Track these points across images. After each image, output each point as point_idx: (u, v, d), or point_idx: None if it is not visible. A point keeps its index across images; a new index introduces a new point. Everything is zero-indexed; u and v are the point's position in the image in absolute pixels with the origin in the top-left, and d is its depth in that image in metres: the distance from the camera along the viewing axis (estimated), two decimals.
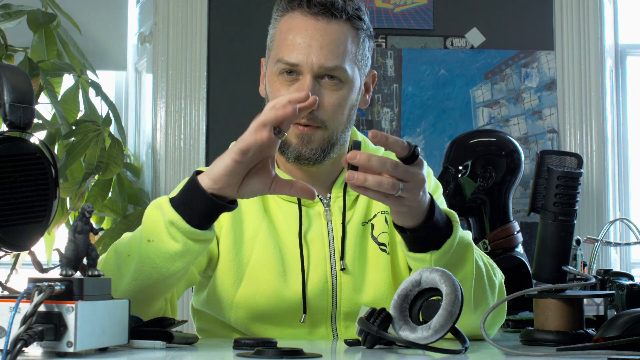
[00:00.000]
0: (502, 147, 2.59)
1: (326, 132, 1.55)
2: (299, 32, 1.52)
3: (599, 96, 3.20)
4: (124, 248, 1.40)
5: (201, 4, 3.19)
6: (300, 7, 1.54)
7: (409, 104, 3.18)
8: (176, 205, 1.31)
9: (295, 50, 1.52)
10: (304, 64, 1.51)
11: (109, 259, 1.42)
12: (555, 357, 1.21)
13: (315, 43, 1.51)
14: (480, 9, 3.24)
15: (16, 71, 1.20)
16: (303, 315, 1.53)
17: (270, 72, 1.58)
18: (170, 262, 1.34)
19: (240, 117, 3.15)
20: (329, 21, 1.52)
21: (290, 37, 1.53)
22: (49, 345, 1.06)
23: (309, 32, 1.52)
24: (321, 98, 1.51)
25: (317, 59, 1.51)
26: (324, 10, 1.52)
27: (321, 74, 1.52)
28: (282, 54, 1.53)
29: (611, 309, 1.63)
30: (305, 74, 1.52)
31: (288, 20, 1.55)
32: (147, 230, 1.34)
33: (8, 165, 1.15)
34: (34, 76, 2.69)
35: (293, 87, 1.53)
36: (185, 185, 1.33)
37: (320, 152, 1.56)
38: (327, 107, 1.53)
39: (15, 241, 1.17)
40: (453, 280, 1.24)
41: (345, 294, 1.56)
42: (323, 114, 1.53)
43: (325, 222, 1.59)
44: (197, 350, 1.28)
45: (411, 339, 1.22)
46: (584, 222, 3.15)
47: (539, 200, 1.43)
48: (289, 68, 1.53)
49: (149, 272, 1.35)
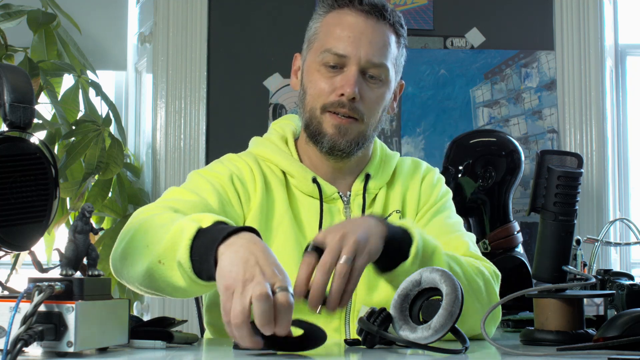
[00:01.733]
0: (502, 147, 2.59)
1: (362, 125, 1.59)
2: (348, 26, 1.58)
3: (599, 96, 3.20)
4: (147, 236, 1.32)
5: (201, 4, 3.19)
6: (350, 5, 1.59)
7: (409, 104, 3.18)
8: (193, 252, 1.22)
9: (344, 41, 1.56)
10: (352, 55, 1.56)
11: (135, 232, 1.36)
12: (555, 357, 1.21)
13: (365, 38, 1.56)
14: (480, 9, 3.23)
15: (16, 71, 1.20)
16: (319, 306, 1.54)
17: (312, 62, 1.61)
18: (174, 291, 1.31)
19: (240, 117, 3.16)
20: (378, 20, 1.58)
21: (338, 30, 1.58)
22: (49, 345, 1.06)
23: (359, 27, 1.57)
24: (363, 92, 1.57)
25: (365, 53, 1.56)
26: (374, 9, 1.58)
27: (366, 69, 1.57)
28: (330, 45, 1.57)
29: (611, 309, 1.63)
30: (350, 65, 1.56)
31: (336, 16, 1.60)
32: (164, 249, 1.27)
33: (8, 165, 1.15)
34: (34, 76, 2.69)
35: (336, 79, 1.57)
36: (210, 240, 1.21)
37: (355, 144, 1.60)
38: (367, 101, 1.58)
39: (15, 241, 1.17)
40: (453, 280, 1.24)
41: (360, 290, 1.57)
42: (363, 107, 1.57)
43: (344, 218, 1.61)
44: (197, 350, 1.28)
45: (411, 338, 1.22)
46: (584, 222, 3.15)
47: (539, 200, 1.43)
48: (336, 59, 1.57)
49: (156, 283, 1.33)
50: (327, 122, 1.58)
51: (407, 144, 3.15)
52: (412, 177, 1.70)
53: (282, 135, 1.70)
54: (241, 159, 1.66)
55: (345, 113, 1.57)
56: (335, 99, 1.57)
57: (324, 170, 1.65)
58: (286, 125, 1.72)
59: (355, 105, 1.56)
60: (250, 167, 1.63)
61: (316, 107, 1.59)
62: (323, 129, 1.59)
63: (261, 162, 1.66)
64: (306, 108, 1.61)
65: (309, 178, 1.62)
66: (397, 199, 1.66)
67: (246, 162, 1.65)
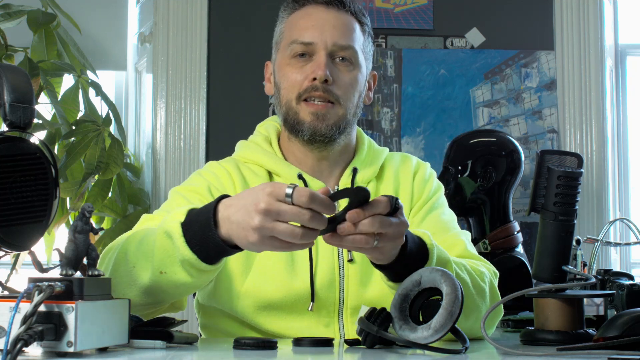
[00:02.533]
0: (502, 147, 2.59)
1: (340, 109, 1.61)
2: (311, 17, 1.61)
3: (599, 96, 3.20)
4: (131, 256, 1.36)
5: (201, 4, 3.19)
6: (309, 1, 1.63)
7: (409, 104, 3.18)
8: (191, 243, 1.27)
9: (309, 30, 1.60)
10: (318, 41, 1.59)
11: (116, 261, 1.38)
12: (555, 357, 1.21)
13: (328, 24, 1.60)
14: (480, 9, 3.23)
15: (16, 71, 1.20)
16: (311, 303, 1.54)
17: (282, 59, 1.63)
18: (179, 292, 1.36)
19: (240, 117, 3.16)
20: (339, 10, 1.62)
21: (302, 22, 1.62)
22: (49, 345, 1.06)
23: (321, 16, 1.61)
24: (335, 75, 1.59)
25: (331, 37, 1.59)
26: (334, 1, 1.62)
27: (334, 52, 1.60)
28: (295, 36, 1.61)
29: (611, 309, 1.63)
30: (319, 51, 1.59)
31: (298, 14, 1.64)
32: (160, 261, 1.30)
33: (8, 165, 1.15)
34: (34, 76, 2.69)
35: (307, 67, 1.59)
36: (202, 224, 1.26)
37: (336, 128, 1.61)
38: (341, 84, 1.60)
39: (15, 241, 1.17)
40: (453, 280, 1.24)
41: (352, 286, 1.57)
42: (337, 89, 1.59)
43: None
44: (197, 350, 1.28)
45: (411, 338, 1.22)
46: (584, 222, 3.15)
47: (539, 200, 1.43)
48: (304, 48, 1.60)
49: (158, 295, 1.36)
50: (304, 110, 1.60)
51: (407, 144, 3.15)
52: (403, 172, 1.70)
53: (266, 136, 1.71)
54: (221, 166, 1.67)
55: (321, 97, 1.58)
56: (308, 85, 1.58)
57: (310, 165, 1.65)
58: (270, 125, 1.73)
59: (329, 88, 1.58)
60: (230, 173, 1.64)
61: (291, 99, 1.61)
62: (300, 118, 1.60)
63: (242, 166, 1.67)
64: (282, 102, 1.63)
65: (294, 175, 1.62)
66: (389, 193, 1.65)
67: (225, 168, 1.65)
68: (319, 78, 1.57)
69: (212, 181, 1.62)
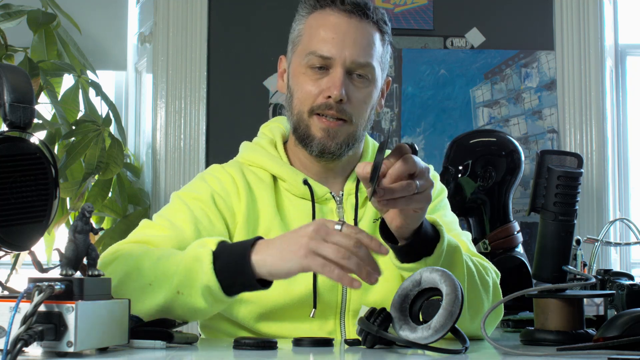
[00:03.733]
0: (502, 147, 2.59)
1: (351, 126, 1.59)
2: (331, 27, 1.56)
3: (599, 96, 3.20)
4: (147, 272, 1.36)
5: (201, 4, 3.19)
6: (332, 5, 1.57)
7: (409, 104, 3.18)
8: (219, 271, 1.29)
9: (328, 43, 1.55)
10: (337, 57, 1.55)
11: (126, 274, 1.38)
12: (555, 357, 1.21)
13: (348, 38, 1.55)
14: (480, 9, 3.23)
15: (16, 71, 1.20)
16: (313, 310, 1.54)
17: (298, 65, 1.60)
18: (192, 314, 1.35)
19: (240, 117, 3.16)
20: (361, 20, 1.57)
21: (322, 32, 1.57)
22: (49, 345, 1.06)
23: (343, 28, 1.56)
24: (350, 92, 1.56)
25: (350, 54, 1.55)
26: (356, 8, 1.57)
27: (352, 69, 1.56)
28: (314, 47, 1.56)
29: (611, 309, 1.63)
30: (336, 67, 1.55)
31: (318, 17, 1.59)
32: (180, 281, 1.31)
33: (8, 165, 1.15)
34: (34, 76, 2.69)
35: (322, 81, 1.56)
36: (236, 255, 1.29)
37: (345, 146, 1.60)
38: (354, 102, 1.57)
39: (15, 241, 1.17)
40: (453, 280, 1.24)
41: (354, 290, 1.56)
42: (351, 107, 1.57)
43: (337, 219, 1.61)
44: (197, 350, 1.28)
45: (411, 338, 1.22)
46: (584, 222, 3.15)
47: (539, 200, 1.43)
48: (321, 61, 1.56)
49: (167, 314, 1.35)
50: (315, 125, 1.58)
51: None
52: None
53: (272, 139, 1.69)
54: (225, 170, 1.65)
55: (334, 115, 1.56)
56: (322, 101, 1.56)
57: (315, 171, 1.64)
58: (275, 127, 1.71)
59: (343, 107, 1.55)
60: (233, 178, 1.62)
61: (304, 111, 1.58)
62: (311, 132, 1.58)
63: (246, 169, 1.65)
64: (294, 111, 1.61)
65: (299, 180, 1.61)
66: None
67: (229, 173, 1.64)
68: (334, 97, 1.54)
69: (215, 187, 1.60)
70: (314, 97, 1.57)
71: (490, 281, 1.53)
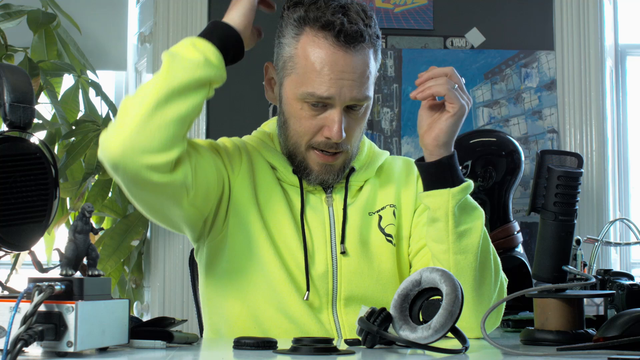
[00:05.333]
0: (502, 147, 2.59)
1: (347, 155, 1.61)
2: (329, 65, 1.52)
3: (599, 96, 3.20)
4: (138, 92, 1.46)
5: (201, 4, 3.19)
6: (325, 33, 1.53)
7: (409, 104, 3.18)
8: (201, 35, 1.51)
9: (325, 83, 1.52)
10: (336, 96, 1.53)
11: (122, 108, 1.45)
12: (555, 357, 1.21)
13: (346, 75, 1.52)
14: (480, 9, 3.23)
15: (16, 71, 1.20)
16: (306, 292, 1.56)
17: (293, 94, 1.57)
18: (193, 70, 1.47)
19: (240, 117, 3.16)
20: (357, 51, 1.53)
21: (318, 69, 1.52)
22: (49, 345, 1.06)
23: (339, 66, 1.52)
24: (348, 128, 1.56)
25: (349, 91, 1.53)
26: (353, 41, 1.52)
27: (350, 105, 1.55)
28: (312, 88, 1.53)
29: (611, 309, 1.63)
30: (336, 106, 1.54)
31: (313, 47, 1.54)
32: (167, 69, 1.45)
33: (8, 165, 1.15)
34: (34, 76, 2.69)
35: (320, 118, 1.55)
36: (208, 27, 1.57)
37: (341, 173, 1.62)
38: (351, 134, 1.58)
39: (15, 241, 1.17)
40: (453, 280, 1.24)
41: (346, 277, 1.58)
42: (347, 140, 1.58)
43: (326, 207, 1.63)
44: (197, 350, 1.28)
45: (411, 338, 1.22)
46: (584, 222, 3.15)
47: (539, 200, 1.43)
48: (321, 102, 1.54)
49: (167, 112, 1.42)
50: (313, 159, 1.59)
51: (407, 144, 3.15)
52: (406, 176, 1.71)
53: (269, 133, 1.71)
54: (229, 139, 1.70)
55: (333, 152, 1.58)
56: (321, 140, 1.56)
57: None
58: (274, 125, 1.72)
59: (341, 142, 1.56)
60: (237, 145, 1.66)
61: (300, 144, 1.59)
62: (309, 165, 1.60)
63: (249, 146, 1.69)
64: (289, 140, 1.60)
65: (290, 169, 1.63)
66: (391, 196, 1.67)
67: (233, 142, 1.68)
68: (335, 140, 1.54)
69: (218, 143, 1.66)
70: (311, 134, 1.57)
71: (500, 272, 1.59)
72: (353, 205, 1.64)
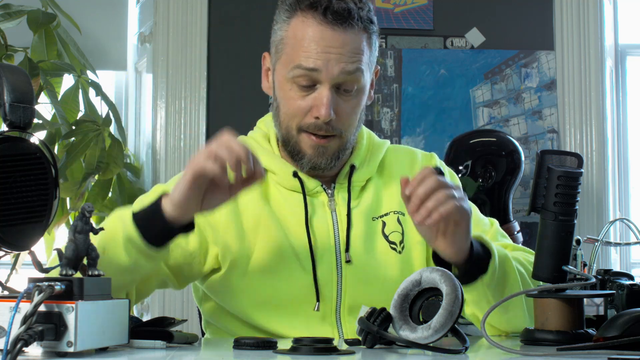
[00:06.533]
0: (502, 147, 2.59)
1: (341, 140, 1.57)
2: (315, 41, 1.51)
3: (599, 96, 3.20)
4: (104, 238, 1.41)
5: (201, 4, 3.19)
6: (313, 12, 1.52)
7: (409, 104, 3.18)
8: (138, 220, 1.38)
9: (312, 57, 1.51)
10: (322, 69, 1.51)
11: None
12: (555, 357, 1.21)
13: (334, 51, 1.51)
14: (480, 9, 3.24)
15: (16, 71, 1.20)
16: (317, 303, 1.54)
17: (283, 77, 1.56)
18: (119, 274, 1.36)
19: (240, 117, 3.16)
20: (345, 29, 1.52)
21: (305, 45, 1.52)
22: (49, 345, 1.06)
23: (326, 41, 1.51)
24: (338, 108, 1.54)
25: (337, 69, 1.51)
26: (340, 19, 1.51)
27: (339, 82, 1.53)
28: (299, 60, 1.52)
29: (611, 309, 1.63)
30: (323, 84, 1.52)
31: (302, 27, 1.53)
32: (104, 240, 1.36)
33: (8, 165, 1.15)
34: (34, 76, 2.69)
35: (309, 98, 1.54)
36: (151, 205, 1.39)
37: (335, 159, 1.59)
38: (343, 116, 1.55)
39: (15, 241, 1.17)
40: (453, 280, 1.24)
41: (350, 286, 1.56)
42: (339, 123, 1.55)
43: (329, 211, 1.60)
44: (197, 350, 1.28)
45: (411, 338, 1.22)
46: (584, 222, 3.15)
47: (539, 200, 1.43)
48: (307, 75, 1.52)
49: None
50: (305, 142, 1.56)
51: (407, 144, 3.15)
52: (409, 168, 1.67)
53: (266, 133, 1.68)
54: None
55: (322, 134, 1.55)
56: (311, 121, 1.54)
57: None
58: (270, 122, 1.69)
59: (332, 124, 1.54)
60: None
61: (292, 127, 1.57)
62: (302, 149, 1.57)
63: None
64: (281, 125, 1.59)
65: (289, 173, 1.60)
66: (396, 199, 1.62)
67: None
68: (323, 119, 1.52)
69: None
70: (301, 115, 1.55)
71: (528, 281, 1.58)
72: (357, 209, 1.61)
